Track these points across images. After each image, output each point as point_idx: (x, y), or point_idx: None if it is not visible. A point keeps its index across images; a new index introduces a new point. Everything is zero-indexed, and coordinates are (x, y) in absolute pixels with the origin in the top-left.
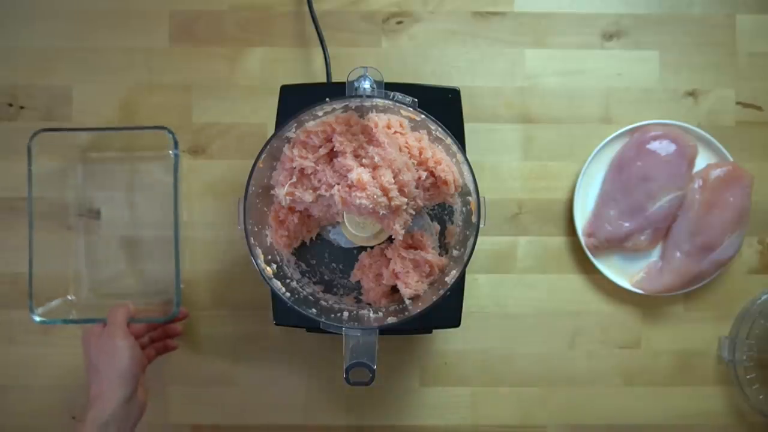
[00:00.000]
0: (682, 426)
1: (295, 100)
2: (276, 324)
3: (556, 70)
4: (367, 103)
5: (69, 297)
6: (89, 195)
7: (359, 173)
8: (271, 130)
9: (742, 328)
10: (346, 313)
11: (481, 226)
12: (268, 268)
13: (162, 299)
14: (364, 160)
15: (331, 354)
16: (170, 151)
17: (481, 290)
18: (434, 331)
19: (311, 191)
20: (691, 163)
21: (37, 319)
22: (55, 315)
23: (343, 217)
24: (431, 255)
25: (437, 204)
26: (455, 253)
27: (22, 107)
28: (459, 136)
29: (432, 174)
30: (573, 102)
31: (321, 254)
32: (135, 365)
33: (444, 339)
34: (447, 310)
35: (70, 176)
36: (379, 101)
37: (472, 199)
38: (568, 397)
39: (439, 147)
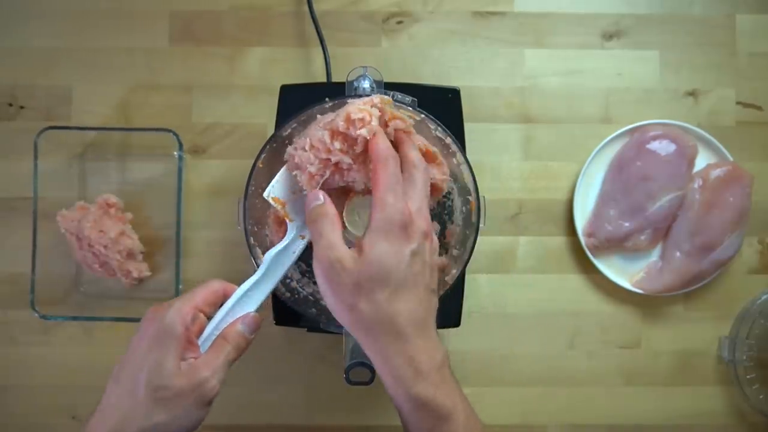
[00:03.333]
0: (682, 426)
1: (295, 100)
2: (276, 324)
3: (556, 70)
4: None
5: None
6: (90, 194)
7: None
8: (271, 130)
9: (742, 328)
10: None
11: (481, 226)
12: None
13: (161, 299)
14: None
15: (331, 354)
16: (174, 153)
17: (481, 290)
18: None
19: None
20: (691, 163)
21: (38, 314)
22: (56, 312)
23: (343, 217)
24: None
25: (437, 204)
26: (455, 252)
27: (21, 107)
28: (459, 136)
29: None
30: (573, 102)
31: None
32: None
33: (444, 339)
34: (447, 310)
35: (71, 176)
36: None
37: (472, 198)
38: (568, 397)
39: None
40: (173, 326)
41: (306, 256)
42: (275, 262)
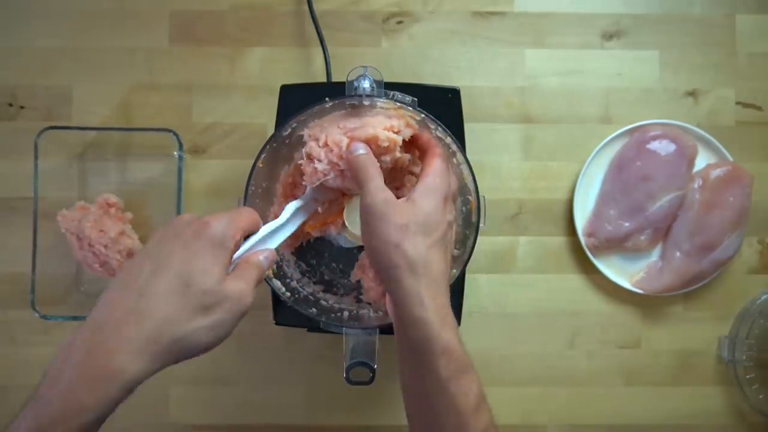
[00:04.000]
0: (682, 426)
1: (295, 100)
2: (276, 324)
3: (556, 70)
4: (367, 102)
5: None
6: (90, 194)
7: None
8: (271, 130)
9: (741, 327)
10: (346, 313)
11: (482, 226)
12: None
13: None
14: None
15: (331, 354)
16: (174, 153)
17: (481, 290)
18: None
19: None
20: (691, 162)
21: (38, 314)
22: (56, 312)
23: (343, 216)
24: None
25: None
26: (455, 253)
27: (22, 107)
28: (459, 136)
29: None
30: (573, 102)
31: (321, 254)
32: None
33: None
34: None
35: (71, 176)
36: (379, 101)
37: (472, 198)
38: (568, 397)
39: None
40: (226, 239)
41: (305, 255)
42: (295, 214)
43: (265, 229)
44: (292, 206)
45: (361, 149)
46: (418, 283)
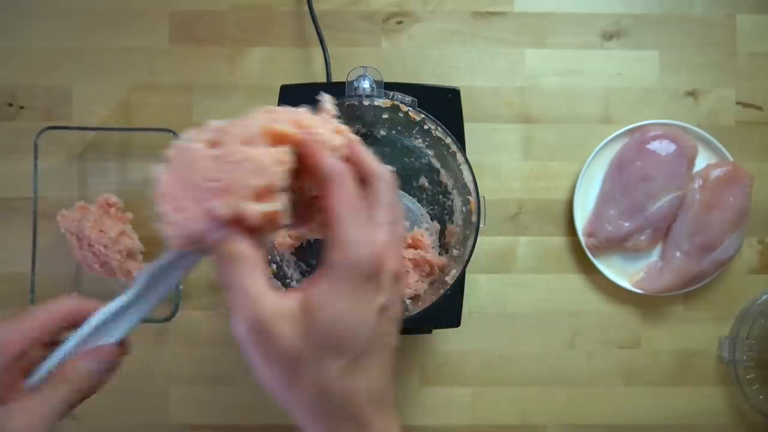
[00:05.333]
0: (682, 426)
1: (295, 100)
2: None
3: (556, 70)
4: (367, 102)
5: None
6: (90, 194)
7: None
8: None
9: (742, 327)
10: None
11: (481, 226)
12: (267, 268)
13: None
14: None
15: None
16: None
17: (481, 290)
18: (434, 331)
19: None
20: (691, 163)
21: None
22: None
23: None
24: (431, 255)
25: (436, 203)
26: (455, 252)
27: (21, 107)
28: (459, 136)
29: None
30: (573, 102)
31: (321, 254)
32: None
33: (444, 339)
34: (447, 310)
35: (71, 176)
36: (379, 101)
37: (472, 198)
38: (568, 397)
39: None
40: None
41: (305, 255)
42: (157, 280)
43: (101, 315)
44: (147, 272)
45: (222, 233)
46: (329, 430)
